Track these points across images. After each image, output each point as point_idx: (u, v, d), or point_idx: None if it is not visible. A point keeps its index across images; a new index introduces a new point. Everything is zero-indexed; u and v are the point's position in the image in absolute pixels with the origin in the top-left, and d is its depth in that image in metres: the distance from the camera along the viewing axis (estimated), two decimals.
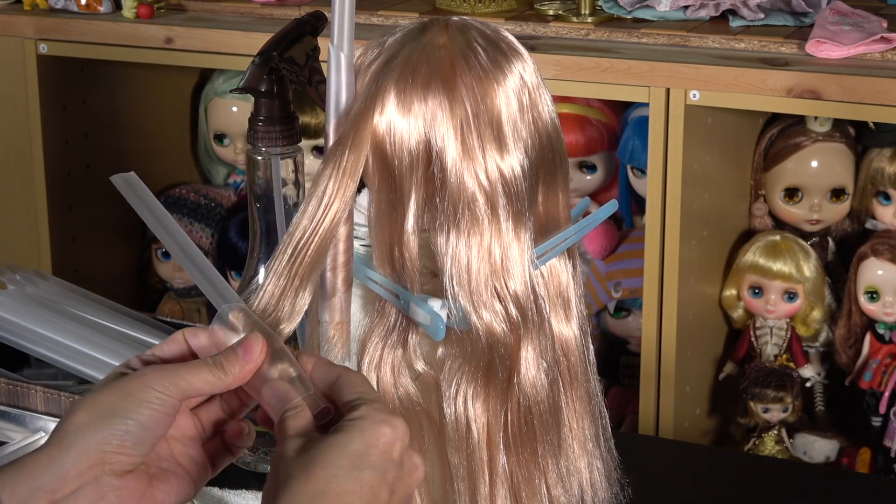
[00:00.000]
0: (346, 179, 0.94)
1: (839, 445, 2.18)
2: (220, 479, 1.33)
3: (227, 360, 0.89)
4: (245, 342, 0.90)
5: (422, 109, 0.94)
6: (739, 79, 1.95)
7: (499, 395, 0.97)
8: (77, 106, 2.43)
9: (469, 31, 0.97)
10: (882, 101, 1.89)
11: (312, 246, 0.93)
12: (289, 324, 0.93)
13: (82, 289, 1.49)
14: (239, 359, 0.89)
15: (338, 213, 0.94)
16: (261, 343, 0.89)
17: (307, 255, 0.94)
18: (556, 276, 1.00)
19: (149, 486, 0.89)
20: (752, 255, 2.18)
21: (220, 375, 0.89)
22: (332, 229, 0.94)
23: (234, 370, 0.89)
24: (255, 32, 2.20)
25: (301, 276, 0.93)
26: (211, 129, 2.60)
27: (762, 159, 2.23)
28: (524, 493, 0.98)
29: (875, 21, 2.03)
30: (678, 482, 1.38)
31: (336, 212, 0.94)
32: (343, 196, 0.94)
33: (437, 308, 0.96)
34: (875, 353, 2.15)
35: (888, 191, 2.18)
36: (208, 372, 0.89)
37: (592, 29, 2.12)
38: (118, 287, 2.53)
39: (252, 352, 0.89)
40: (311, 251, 0.93)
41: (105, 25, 2.30)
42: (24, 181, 2.40)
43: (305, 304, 0.94)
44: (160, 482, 0.90)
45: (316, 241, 0.94)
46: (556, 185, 0.99)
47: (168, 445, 0.91)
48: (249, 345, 0.89)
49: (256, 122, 1.26)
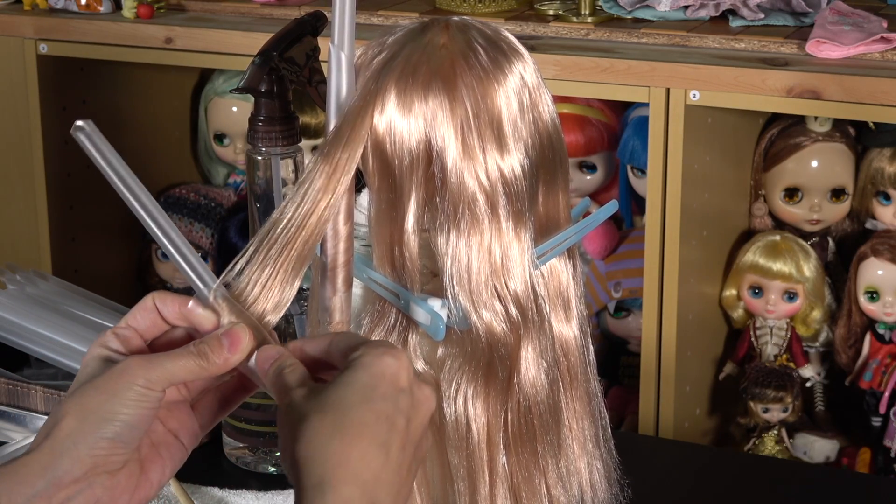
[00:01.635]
0: (339, 176, 0.94)
1: (839, 445, 2.18)
2: (220, 479, 1.33)
3: (212, 349, 0.89)
4: (232, 334, 0.90)
5: (422, 109, 0.94)
6: (739, 79, 1.95)
7: (499, 394, 0.97)
8: (77, 106, 2.43)
9: (469, 30, 0.97)
10: (882, 101, 1.89)
11: (299, 240, 0.93)
12: (274, 315, 0.93)
13: (82, 289, 1.49)
14: (224, 350, 0.89)
15: (327, 209, 0.93)
16: (248, 335, 0.90)
17: (293, 247, 0.93)
18: (557, 276, 1.00)
19: (141, 474, 0.90)
20: (752, 255, 2.18)
21: (203, 365, 0.89)
22: (320, 225, 0.93)
23: (218, 361, 0.89)
24: (255, 32, 2.20)
25: (287, 268, 0.93)
26: (211, 129, 2.60)
27: (762, 159, 2.23)
28: (524, 492, 0.98)
29: (875, 21, 2.03)
30: (678, 482, 1.38)
31: (325, 208, 0.93)
32: (334, 192, 0.93)
33: (438, 308, 0.96)
34: (875, 353, 2.15)
35: (888, 191, 2.18)
36: (192, 361, 0.89)
37: (592, 29, 2.12)
38: (118, 287, 2.53)
39: (239, 344, 0.89)
40: (297, 244, 0.93)
41: (105, 25, 2.30)
42: (24, 181, 2.40)
43: (290, 297, 0.94)
44: (152, 463, 0.91)
45: (303, 235, 0.93)
46: (557, 185, 0.99)
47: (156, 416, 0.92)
48: (237, 337, 0.90)
49: (256, 122, 1.27)
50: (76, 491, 0.86)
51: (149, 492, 0.90)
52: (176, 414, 0.92)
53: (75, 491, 0.86)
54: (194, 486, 1.31)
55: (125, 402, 0.87)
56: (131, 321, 0.92)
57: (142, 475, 0.90)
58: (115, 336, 0.91)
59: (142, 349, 0.92)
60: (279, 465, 1.35)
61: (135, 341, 0.91)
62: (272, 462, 1.36)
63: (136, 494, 0.89)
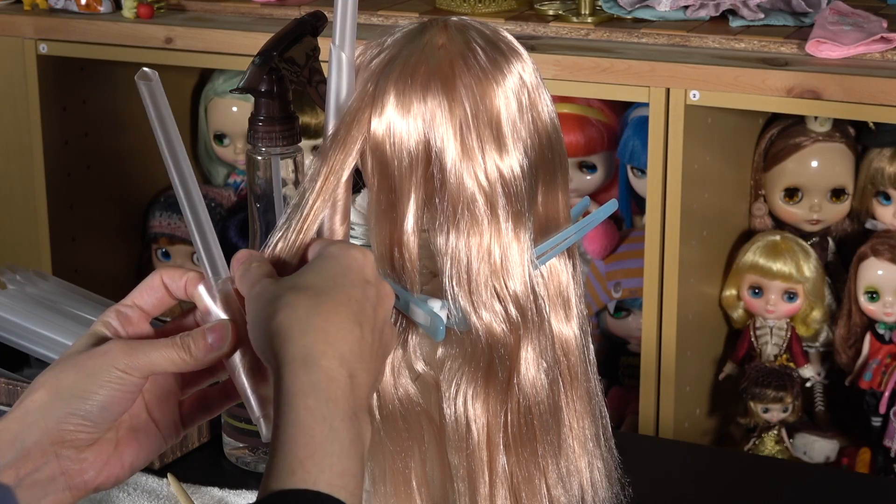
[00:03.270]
0: (331, 178, 0.94)
1: (839, 445, 2.18)
2: (220, 479, 1.33)
3: (195, 342, 0.91)
4: (217, 330, 0.91)
5: (421, 110, 0.94)
6: (739, 79, 1.95)
7: (498, 395, 0.97)
8: (77, 106, 2.43)
9: (468, 31, 0.97)
10: (882, 101, 1.89)
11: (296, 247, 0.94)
12: None
13: (82, 289, 1.49)
14: (207, 344, 0.91)
15: (317, 211, 0.94)
16: (229, 332, 0.91)
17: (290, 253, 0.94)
18: (556, 275, 1.00)
19: (114, 453, 0.91)
20: (752, 255, 2.18)
21: (184, 357, 0.90)
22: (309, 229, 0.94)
23: (199, 354, 0.91)
24: (255, 32, 2.20)
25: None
26: (211, 129, 2.60)
27: (762, 159, 2.23)
28: (524, 493, 0.98)
29: (875, 21, 2.03)
30: (678, 482, 1.38)
31: (316, 210, 0.94)
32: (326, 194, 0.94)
33: (437, 309, 0.96)
34: (875, 353, 2.15)
35: (888, 191, 2.18)
36: (174, 352, 0.90)
37: (592, 29, 2.12)
38: (118, 287, 2.52)
39: (222, 340, 0.91)
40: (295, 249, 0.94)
41: (105, 25, 2.30)
42: (24, 181, 2.40)
43: None
44: (127, 445, 0.92)
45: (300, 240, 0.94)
46: (556, 185, 0.99)
47: (143, 402, 0.93)
48: (221, 333, 0.91)
49: (256, 122, 1.26)
50: (43, 462, 0.88)
51: (119, 472, 0.92)
52: (163, 406, 0.94)
53: (42, 462, 0.88)
54: (194, 486, 1.31)
55: (100, 383, 0.89)
56: (137, 299, 0.94)
57: (114, 454, 0.91)
58: (116, 314, 0.93)
59: (142, 333, 0.93)
60: None
61: (135, 321, 0.93)
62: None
63: (104, 472, 0.91)
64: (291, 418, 0.82)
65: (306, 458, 0.81)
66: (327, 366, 0.84)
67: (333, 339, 0.85)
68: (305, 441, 0.82)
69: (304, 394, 0.83)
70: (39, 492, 0.88)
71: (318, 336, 0.85)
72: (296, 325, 0.85)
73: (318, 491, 0.80)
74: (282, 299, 0.86)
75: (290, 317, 0.85)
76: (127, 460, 0.92)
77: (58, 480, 0.89)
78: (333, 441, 0.82)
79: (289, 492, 0.81)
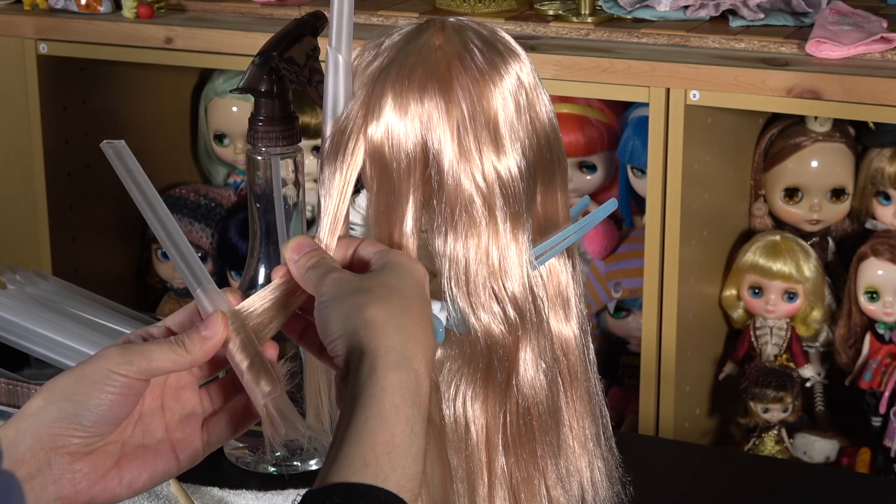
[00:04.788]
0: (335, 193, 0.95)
1: (839, 445, 2.18)
2: (220, 479, 1.33)
3: (190, 337, 0.91)
4: (208, 321, 0.91)
5: (418, 111, 0.94)
6: (739, 79, 1.95)
7: (497, 396, 0.97)
8: (77, 106, 2.43)
9: (465, 32, 0.96)
10: (882, 101, 1.89)
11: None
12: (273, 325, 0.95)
13: (82, 289, 1.49)
14: (201, 336, 0.91)
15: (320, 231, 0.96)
16: (220, 319, 0.91)
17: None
18: (556, 275, 1.00)
19: (113, 467, 0.90)
20: (752, 255, 2.18)
21: (181, 353, 0.90)
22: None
23: (195, 347, 0.91)
24: (255, 32, 2.20)
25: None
26: (211, 129, 2.60)
27: (762, 159, 2.23)
28: (523, 493, 0.98)
29: (875, 21, 2.03)
30: (678, 482, 1.38)
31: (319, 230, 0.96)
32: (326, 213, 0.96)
33: (437, 311, 0.96)
34: (875, 353, 2.15)
35: (888, 191, 2.18)
36: (170, 350, 0.90)
37: (592, 29, 2.12)
38: (118, 287, 2.53)
39: (213, 328, 0.91)
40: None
41: (105, 25, 2.30)
42: (24, 181, 2.40)
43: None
44: (131, 462, 0.91)
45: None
46: (555, 185, 0.99)
47: (164, 421, 0.92)
48: (210, 322, 0.91)
49: (256, 122, 1.27)
50: (36, 469, 0.88)
51: (116, 489, 0.91)
52: (185, 426, 0.93)
53: (35, 469, 0.88)
54: (194, 486, 1.31)
55: (95, 387, 0.89)
56: (167, 321, 0.95)
57: (113, 469, 0.90)
58: (141, 331, 0.93)
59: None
60: (279, 465, 1.36)
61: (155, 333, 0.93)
62: (272, 462, 1.36)
63: (98, 485, 0.90)
64: (375, 410, 0.83)
65: (383, 455, 0.82)
66: (418, 369, 0.86)
67: (422, 345, 0.87)
68: (386, 437, 0.82)
69: (394, 391, 0.84)
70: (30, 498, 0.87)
71: (411, 338, 0.86)
72: (390, 322, 0.86)
73: (388, 490, 0.81)
74: (373, 293, 0.87)
75: (385, 311, 0.86)
76: (126, 478, 0.91)
77: (48, 489, 0.88)
78: (412, 444, 0.83)
79: (359, 486, 0.81)
